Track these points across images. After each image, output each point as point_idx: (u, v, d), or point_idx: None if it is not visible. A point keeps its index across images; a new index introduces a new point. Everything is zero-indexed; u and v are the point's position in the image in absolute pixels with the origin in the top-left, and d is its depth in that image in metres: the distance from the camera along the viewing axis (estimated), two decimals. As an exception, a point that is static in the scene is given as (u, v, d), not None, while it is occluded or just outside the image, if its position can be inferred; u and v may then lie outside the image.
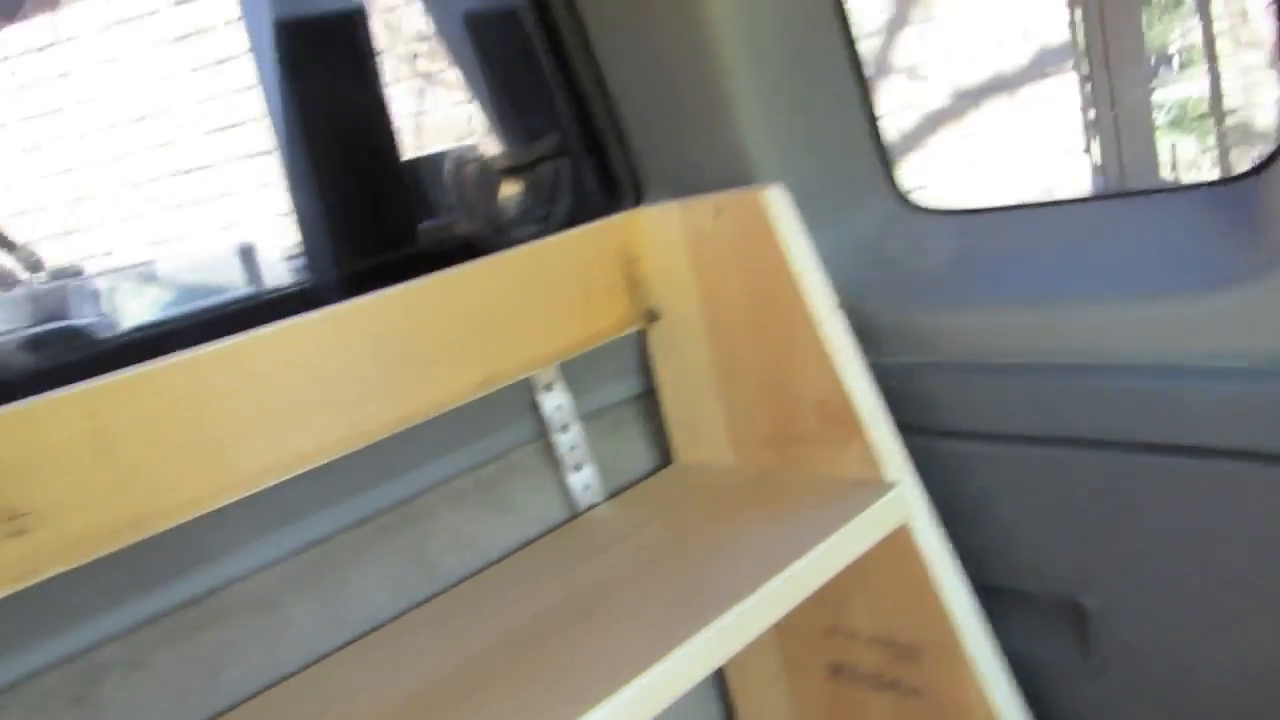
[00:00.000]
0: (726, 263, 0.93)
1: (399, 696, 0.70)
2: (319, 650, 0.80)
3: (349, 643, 0.81)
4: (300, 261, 1.03)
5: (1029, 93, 4.03)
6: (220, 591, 0.76)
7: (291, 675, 0.78)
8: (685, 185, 0.98)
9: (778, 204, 0.89)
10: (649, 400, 1.06)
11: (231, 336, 0.72)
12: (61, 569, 0.64)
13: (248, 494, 0.72)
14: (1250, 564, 0.79)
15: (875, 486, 0.85)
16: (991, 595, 0.92)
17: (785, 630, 1.01)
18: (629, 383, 1.04)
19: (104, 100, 3.95)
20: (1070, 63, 3.98)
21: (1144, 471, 0.83)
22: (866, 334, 0.96)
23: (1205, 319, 0.78)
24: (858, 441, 0.87)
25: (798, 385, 0.90)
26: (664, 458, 1.06)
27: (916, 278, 0.98)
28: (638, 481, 1.03)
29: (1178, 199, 0.92)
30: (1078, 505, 0.87)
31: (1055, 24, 3.95)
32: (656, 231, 0.97)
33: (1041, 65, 4.01)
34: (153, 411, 0.67)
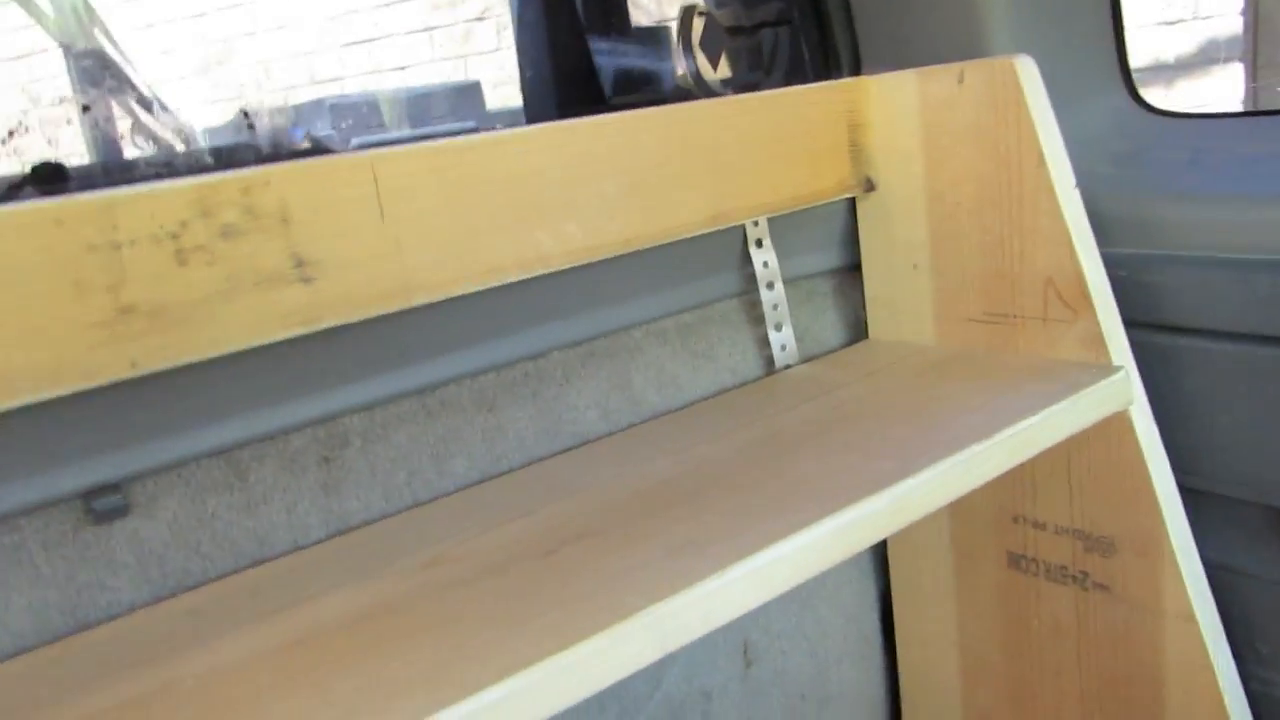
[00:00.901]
0: (962, 133, 0.91)
1: (616, 496, 0.72)
2: (535, 454, 0.82)
3: (562, 451, 0.83)
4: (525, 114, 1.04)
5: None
6: (449, 385, 0.79)
7: (510, 471, 0.80)
8: (904, 61, 0.96)
9: (1028, 74, 0.86)
10: (843, 277, 1.05)
11: (491, 131, 0.74)
12: (339, 322, 0.66)
13: (501, 283, 0.73)
14: None
15: (1098, 368, 0.84)
16: (1193, 499, 0.90)
17: (962, 513, 1.00)
18: (828, 255, 1.03)
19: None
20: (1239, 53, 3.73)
21: None
22: (1093, 222, 0.94)
23: None
24: (1084, 322, 0.85)
25: (1024, 262, 0.88)
26: (857, 335, 1.06)
27: (1149, 171, 0.95)
28: (830, 353, 1.03)
29: None
30: None
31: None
32: (887, 99, 0.96)
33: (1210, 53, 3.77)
34: (426, 186, 0.69)
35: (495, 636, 0.53)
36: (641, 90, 1.06)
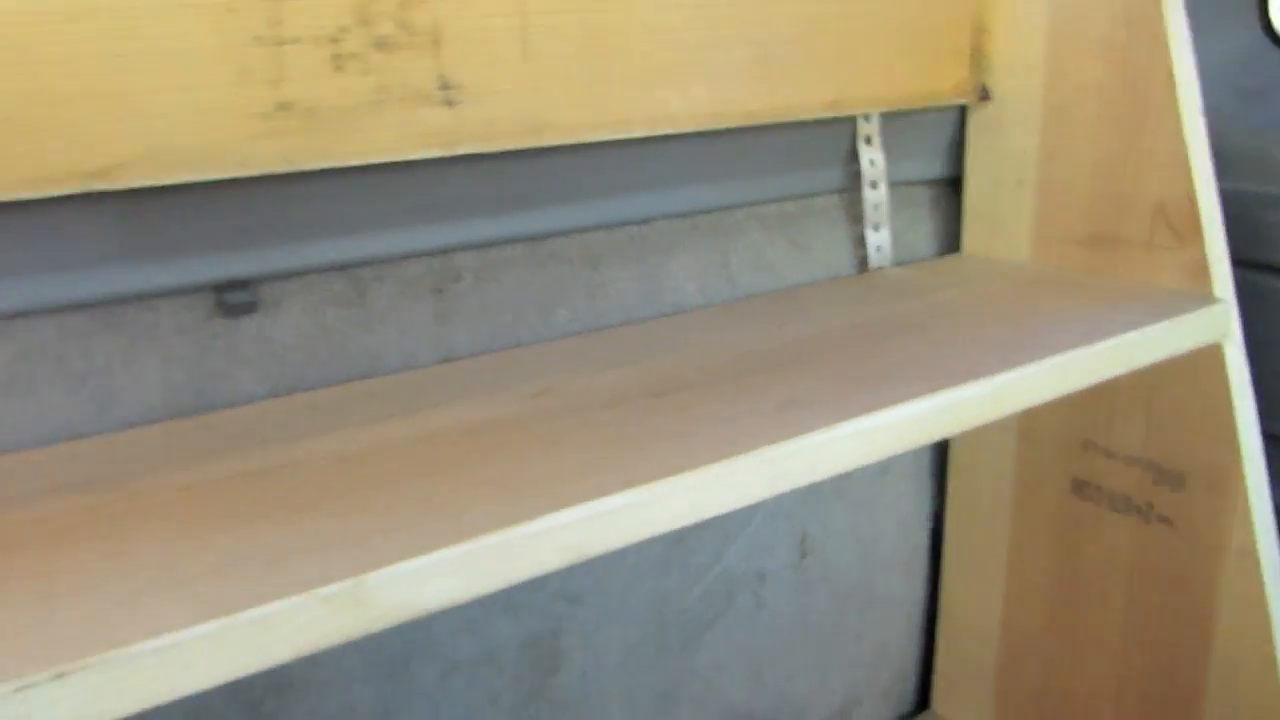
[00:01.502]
0: (1090, 46, 0.90)
1: (719, 358, 0.73)
2: (634, 315, 0.84)
3: (661, 316, 0.85)
4: None
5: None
6: (559, 237, 0.80)
7: (611, 328, 0.82)
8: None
9: (1170, -9, 0.85)
10: (942, 190, 1.05)
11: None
12: (475, 149, 0.68)
13: (627, 136, 0.74)
14: None
15: (1199, 297, 0.84)
16: (1274, 445, 0.90)
17: (1031, 435, 1.01)
18: (932, 164, 1.03)
19: None
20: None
21: None
22: (1211, 154, 0.93)
23: None
24: (1192, 251, 0.85)
25: (1138, 185, 0.88)
26: (950, 249, 1.06)
27: (1276, 108, 0.94)
28: (923, 261, 1.03)
29: None
30: None
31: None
32: (1015, 7, 0.95)
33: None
34: (568, 25, 0.70)
35: (612, 455, 0.55)
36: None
